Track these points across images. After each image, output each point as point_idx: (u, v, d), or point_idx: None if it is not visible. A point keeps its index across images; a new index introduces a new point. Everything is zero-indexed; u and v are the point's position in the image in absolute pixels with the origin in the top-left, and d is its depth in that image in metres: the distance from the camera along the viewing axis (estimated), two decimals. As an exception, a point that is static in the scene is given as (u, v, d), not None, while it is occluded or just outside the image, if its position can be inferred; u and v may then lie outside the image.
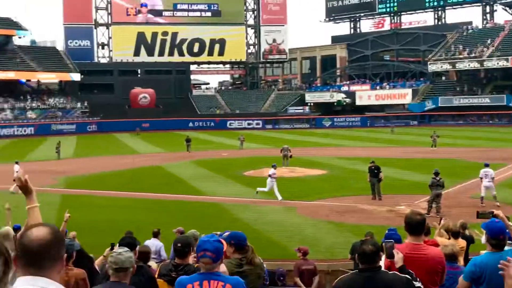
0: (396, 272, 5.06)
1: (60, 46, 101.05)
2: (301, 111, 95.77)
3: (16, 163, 32.77)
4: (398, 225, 10.95)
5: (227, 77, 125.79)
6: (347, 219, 21.64)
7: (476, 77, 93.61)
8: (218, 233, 7.80)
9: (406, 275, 4.92)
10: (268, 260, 13.35)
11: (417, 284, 4.83)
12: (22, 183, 4.09)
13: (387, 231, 7.82)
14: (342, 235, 18.42)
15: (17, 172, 30.31)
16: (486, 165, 24.18)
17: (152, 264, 8.94)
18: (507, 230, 5.71)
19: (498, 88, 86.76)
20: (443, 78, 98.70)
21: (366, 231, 13.31)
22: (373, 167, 25.63)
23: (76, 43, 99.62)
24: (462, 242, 11.22)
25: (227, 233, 6.43)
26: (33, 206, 4.02)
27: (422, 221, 5.65)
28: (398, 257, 5.20)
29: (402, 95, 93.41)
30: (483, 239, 5.92)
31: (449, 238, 11.17)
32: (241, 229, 8.24)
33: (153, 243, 12.32)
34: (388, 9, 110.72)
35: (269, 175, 26.21)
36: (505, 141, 53.34)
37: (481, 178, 23.39)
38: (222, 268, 4.92)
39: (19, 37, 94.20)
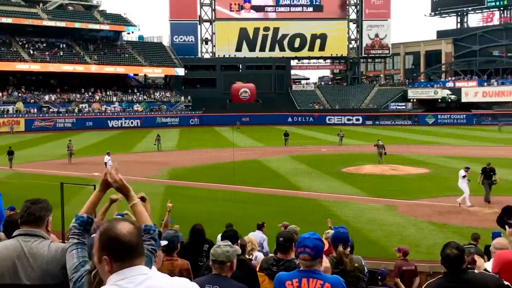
0: (484, 272, 4.88)
1: (166, 41, 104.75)
2: (403, 107, 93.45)
3: (108, 154, 33.64)
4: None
5: (327, 73, 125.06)
6: (450, 220, 20.83)
7: None
8: (332, 227, 7.75)
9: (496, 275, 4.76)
10: (367, 259, 13.09)
11: (507, 284, 4.64)
12: (116, 182, 3.58)
13: (492, 234, 7.43)
14: (445, 236, 17.71)
15: (106, 163, 31.55)
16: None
17: (259, 254, 9.01)
18: None
19: None
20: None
21: (471, 233, 12.72)
22: (488, 169, 24.46)
23: (181, 38, 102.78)
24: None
25: (342, 229, 6.34)
26: (134, 203, 3.70)
27: None
28: (480, 262, 5.26)
29: (511, 92, 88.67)
30: None
31: None
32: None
33: (257, 235, 12.43)
34: (497, 3, 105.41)
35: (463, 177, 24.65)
36: None
37: None
38: (326, 263, 4.88)
39: (128, 33, 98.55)
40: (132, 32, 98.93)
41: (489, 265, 5.47)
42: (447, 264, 4.69)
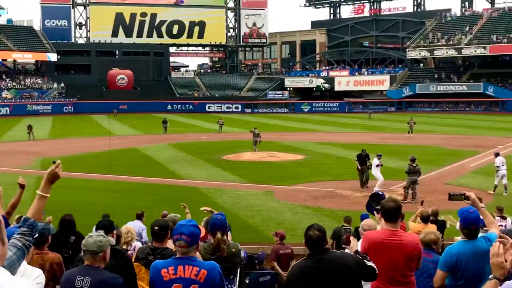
0: (345, 251, 5.11)
1: (36, 26, 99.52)
2: (281, 95, 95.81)
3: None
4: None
5: (206, 60, 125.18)
6: (324, 204, 21.75)
7: (454, 65, 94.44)
8: (215, 212, 7.79)
9: (356, 254, 4.95)
10: (246, 244, 13.37)
11: (370, 263, 4.87)
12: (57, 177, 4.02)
13: (361, 216, 7.86)
14: (319, 219, 18.47)
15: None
16: (497, 154, 24.26)
17: (137, 244, 8.90)
18: (481, 217, 5.77)
19: (475, 76, 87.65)
20: (421, 65, 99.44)
21: (344, 216, 13.39)
22: (363, 155, 25.39)
23: (53, 22, 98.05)
24: (432, 227, 11.38)
25: (220, 216, 6.40)
26: (42, 195, 3.99)
27: (397, 207, 5.68)
28: (354, 243, 5.26)
29: (380, 82, 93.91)
30: (458, 225, 5.99)
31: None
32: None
33: (136, 225, 12.25)
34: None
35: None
36: (481, 128, 54.02)
37: (498, 166, 23.50)
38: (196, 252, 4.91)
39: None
40: (0, 15, 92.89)
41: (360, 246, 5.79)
42: (310, 245, 4.86)
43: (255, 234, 17.24)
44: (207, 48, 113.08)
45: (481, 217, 5.81)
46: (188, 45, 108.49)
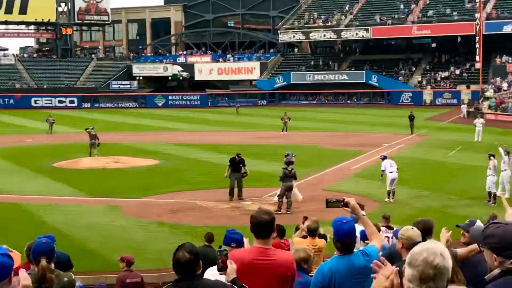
0: (218, 280, 5.13)
1: None
2: (128, 86, 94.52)
3: None
4: (243, 224, 11.18)
5: (31, 42, 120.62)
6: (182, 219, 21.78)
7: (333, 50, 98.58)
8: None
9: (232, 284, 4.99)
10: (82, 273, 13.02)
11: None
12: None
13: (226, 233, 7.92)
14: (177, 238, 18.45)
15: None
16: (384, 158, 25.26)
17: None
18: (362, 228, 6.01)
19: (357, 63, 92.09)
20: (296, 50, 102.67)
21: (205, 233, 13.42)
22: (237, 160, 25.26)
23: None
24: (320, 242, 11.76)
25: (45, 239, 6.12)
26: None
27: (270, 221, 5.74)
28: (231, 268, 5.21)
29: (249, 70, 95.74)
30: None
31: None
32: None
33: None
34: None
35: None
36: (364, 124, 56.85)
37: (383, 170, 24.45)
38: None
39: None
40: None
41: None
42: (177, 270, 4.81)
43: (95, 260, 16.88)
44: (32, 27, 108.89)
45: (362, 227, 6.05)
46: (6, 22, 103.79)
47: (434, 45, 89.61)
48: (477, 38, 77.10)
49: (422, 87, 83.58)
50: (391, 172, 24.28)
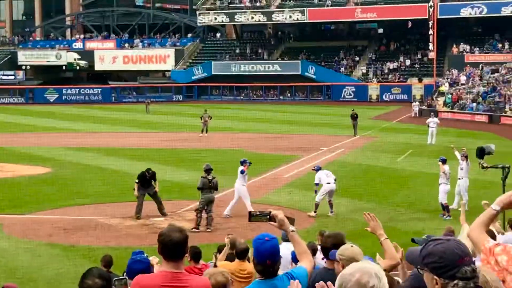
0: None
1: None
2: (12, 77, 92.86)
3: None
4: (154, 245, 11.13)
5: None
6: (78, 239, 21.51)
7: (262, 36, 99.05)
8: None
9: None
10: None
11: None
12: None
13: (129, 261, 7.91)
14: (72, 262, 18.25)
15: None
16: (318, 169, 25.42)
17: None
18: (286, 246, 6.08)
19: (291, 51, 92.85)
20: (218, 35, 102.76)
21: (103, 256, 13.35)
22: (148, 176, 24.93)
23: None
24: (250, 266, 11.74)
25: None
26: None
27: (182, 239, 5.77)
28: None
29: (161, 58, 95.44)
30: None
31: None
32: None
33: None
34: None
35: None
36: (299, 124, 57.34)
37: (317, 184, 24.65)
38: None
39: None
40: None
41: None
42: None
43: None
44: None
45: (292, 245, 6.10)
46: None
47: (380, 31, 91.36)
48: (430, 23, 78.92)
49: (367, 80, 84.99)
50: (328, 183, 24.54)
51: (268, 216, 5.99)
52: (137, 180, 24.62)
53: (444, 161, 24.91)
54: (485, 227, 5.02)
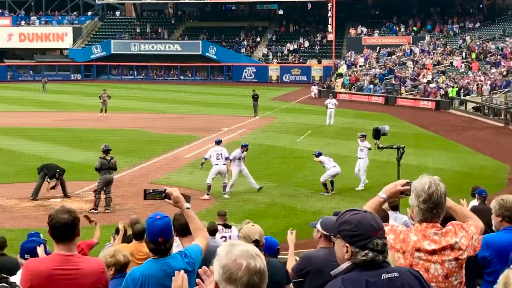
0: None
1: None
2: None
3: None
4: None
5: None
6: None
7: (163, 15, 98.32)
8: None
9: None
10: None
11: None
12: None
13: (27, 238, 7.68)
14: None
15: None
16: (218, 143, 25.59)
17: None
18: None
19: (192, 31, 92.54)
20: (118, 13, 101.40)
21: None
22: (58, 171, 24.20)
23: None
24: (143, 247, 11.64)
25: None
26: None
27: (71, 221, 5.69)
28: None
29: (59, 36, 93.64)
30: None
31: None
32: None
33: None
34: None
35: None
36: (200, 104, 57.27)
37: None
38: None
39: None
40: None
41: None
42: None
43: None
44: None
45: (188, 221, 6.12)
46: None
47: (281, 12, 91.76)
48: (329, 5, 79.75)
49: (267, 61, 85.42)
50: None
51: (163, 194, 6.00)
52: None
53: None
54: (373, 212, 5.17)
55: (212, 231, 11.61)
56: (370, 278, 4.12)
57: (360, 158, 25.73)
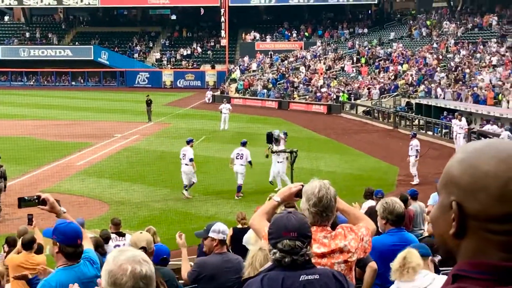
0: None
1: None
2: None
3: None
4: None
5: None
6: None
7: (53, 20, 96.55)
8: None
9: None
10: None
11: None
12: None
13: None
14: None
15: None
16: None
17: None
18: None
19: (83, 36, 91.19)
20: (6, 18, 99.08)
21: None
22: None
23: None
24: (39, 258, 11.39)
25: None
26: None
27: None
28: None
29: None
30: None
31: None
32: None
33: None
34: None
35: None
36: (93, 110, 56.38)
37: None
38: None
39: None
40: None
41: None
42: None
43: None
44: None
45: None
46: None
47: (174, 17, 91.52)
48: (222, 11, 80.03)
49: (161, 66, 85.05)
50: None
51: (37, 200, 5.93)
52: None
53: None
54: (267, 215, 5.42)
55: (105, 239, 11.43)
56: (287, 278, 4.23)
57: (278, 162, 25.56)
